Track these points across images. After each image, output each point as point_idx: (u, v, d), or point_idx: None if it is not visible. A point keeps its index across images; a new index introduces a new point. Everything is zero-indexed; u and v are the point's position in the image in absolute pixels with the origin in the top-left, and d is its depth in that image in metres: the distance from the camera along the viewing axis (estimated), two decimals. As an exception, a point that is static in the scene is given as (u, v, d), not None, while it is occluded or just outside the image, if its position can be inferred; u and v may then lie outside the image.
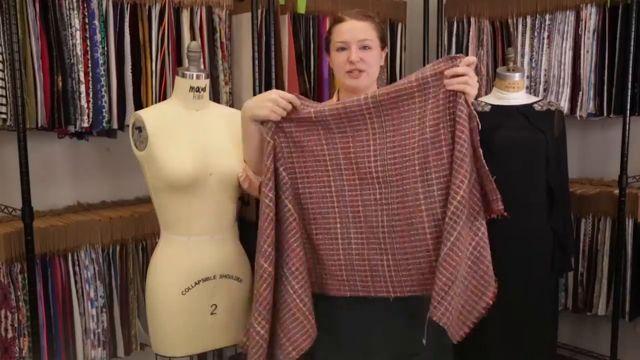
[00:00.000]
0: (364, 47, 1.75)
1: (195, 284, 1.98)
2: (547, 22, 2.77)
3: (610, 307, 2.68)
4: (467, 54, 3.01)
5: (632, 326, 2.86)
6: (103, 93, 2.26)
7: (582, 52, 2.68)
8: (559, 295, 2.68)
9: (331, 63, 1.85)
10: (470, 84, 1.57)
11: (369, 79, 1.80)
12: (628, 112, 2.52)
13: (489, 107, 2.44)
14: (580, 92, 2.69)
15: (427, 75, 1.59)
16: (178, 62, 2.43)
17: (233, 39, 2.68)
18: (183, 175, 1.88)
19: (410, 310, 1.74)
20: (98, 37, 2.23)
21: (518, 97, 2.45)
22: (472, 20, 2.99)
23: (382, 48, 1.83)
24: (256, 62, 2.54)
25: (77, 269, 2.28)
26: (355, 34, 1.75)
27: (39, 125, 2.14)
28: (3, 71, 2.03)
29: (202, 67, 2.39)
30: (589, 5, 2.64)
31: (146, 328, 2.29)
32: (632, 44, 2.50)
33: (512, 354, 2.42)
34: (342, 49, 1.77)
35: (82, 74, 2.20)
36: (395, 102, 1.62)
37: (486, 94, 2.79)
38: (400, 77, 3.13)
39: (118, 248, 2.40)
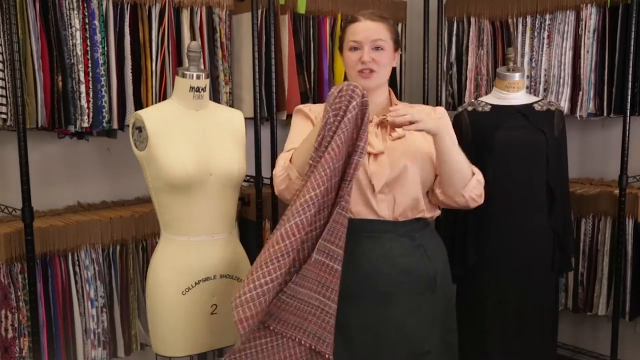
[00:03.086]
0: (377, 48, 1.76)
1: (196, 284, 1.98)
2: (547, 22, 2.77)
3: (610, 307, 2.68)
4: (467, 54, 3.01)
5: (632, 326, 2.86)
6: (103, 93, 2.26)
7: (582, 52, 2.68)
8: (559, 295, 2.68)
9: (343, 63, 1.85)
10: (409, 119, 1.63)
11: (380, 79, 1.81)
12: (628, 112, 2.52)
13: (489, 107, 2.44)
14: (580, 92, 2.69)
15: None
16: (178, 62, 2.43)
17: (233, 39, 2.68)
18: (183, 176, 1.88)
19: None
20: (98, 37, 2.23)
21: (518, 97, 2.45)
22: (472, 20, 2.99)
23: (396, 49, 1.84)
24: (256, 62, 2.54)
25: (77, 269, 2.28)
26: (369, 34, 1.76)
27: (39, 125, 2.14)
28: (3, 71, 2.03)
29: (202, 67, 2.39)
30: (589, 5, 2.64)
31: (146, 328, 2.29)
32: (632, 44, 2.50)
33: (512, 353, 2.42)
34: (355, 48, 1.77)
35: (82, 74, 2.20)
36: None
37: (486, 94, 2.79)
38: (400, 77, 3.13)
39: (118, 248, 2.40)
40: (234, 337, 2.14)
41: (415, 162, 1.76)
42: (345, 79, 2.88)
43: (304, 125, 1.85)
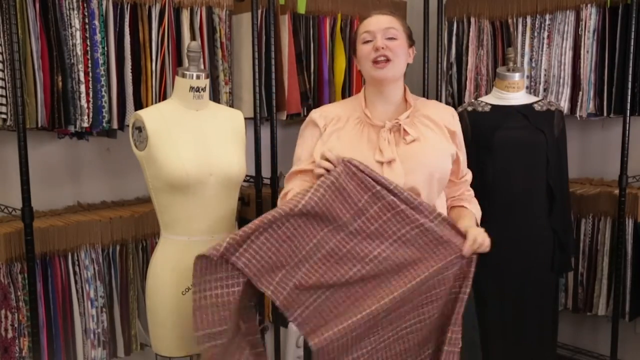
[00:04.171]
0: (390, 38, 1.73)
1: (196, 284, 1.98)
2: (547, 22, 2.77)
3: (610, 307, 2.68)
4: (467, 54, 3.01)
5: (632, 326, 2.86)
6: (103, 93, 2.26)
7: (582, 52, 2.68)
8: (559, 295, 2.68)
9: (357, 62, 1.81)
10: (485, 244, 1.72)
11: (395, 70, 1.74)
12: (628, 112, 2.52)
13: (489, 107, 2.44)
14: (580, 92, 2.69)
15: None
16: (178, 62, 2.43)
17: (233, 39, 2.68)
18: (183, 175, 1.88)
19: None
20: (98, 37, 2.23)
21: (518, 97, 2.45)
22: (472, 20, 2.99)
23: (410, 45, 1.80)
24: (256, 62, 2.54)
25: (77, 269, 2.28)
26: (381, 24, 1.74)
27: (39, 125, 2.14)
28: (3, 71, 2.03)
29: (202, 67, 2.39)
30: (589, 5, 2.64)
31: (146, 328, 2.29)
32: (632, 44, 2.50)
33: (512, 353, 2.42)
34: (368, 40, 1.74)
35: (82, 74, 2.20)
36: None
37: (486, 94, 2.79)
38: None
39: (118, 248, 2.40)
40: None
41: (431, 164, 1.72)
42: (346, 78, 2.89)
43: (312, 138, 1.81)
